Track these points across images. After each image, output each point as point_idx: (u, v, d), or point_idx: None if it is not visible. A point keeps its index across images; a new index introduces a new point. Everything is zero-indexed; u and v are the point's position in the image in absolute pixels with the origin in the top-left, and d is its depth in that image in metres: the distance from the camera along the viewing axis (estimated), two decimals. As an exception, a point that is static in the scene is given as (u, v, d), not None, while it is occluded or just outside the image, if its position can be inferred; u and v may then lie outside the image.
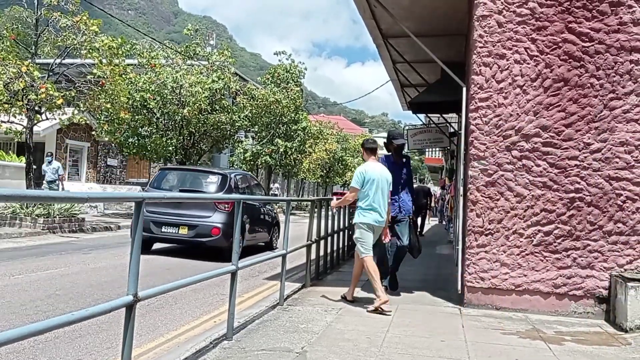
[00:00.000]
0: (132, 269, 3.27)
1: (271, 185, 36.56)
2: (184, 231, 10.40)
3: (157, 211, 10.30)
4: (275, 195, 36.78)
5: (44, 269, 8.55)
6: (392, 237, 7.12)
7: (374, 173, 6.49)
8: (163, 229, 10.43)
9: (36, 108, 14.27)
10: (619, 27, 6.34)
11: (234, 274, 4.93)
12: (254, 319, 5.69)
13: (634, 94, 6.29)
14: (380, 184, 6.47)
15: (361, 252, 6.45)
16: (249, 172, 16.48)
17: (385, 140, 7.64)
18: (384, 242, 6.94)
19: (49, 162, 17.53)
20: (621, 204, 6.30)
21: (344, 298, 6.75)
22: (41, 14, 15.12)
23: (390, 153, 7.49)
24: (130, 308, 3.25)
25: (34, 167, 15.21)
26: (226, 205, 10.38)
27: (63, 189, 17.50)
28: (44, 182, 17.06)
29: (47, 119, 14.97)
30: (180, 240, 10.70)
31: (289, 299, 6.72)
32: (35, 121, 14.67)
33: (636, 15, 6.30)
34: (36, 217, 13.40)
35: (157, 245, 11.20)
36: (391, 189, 6.71)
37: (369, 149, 6.78)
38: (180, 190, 10.93)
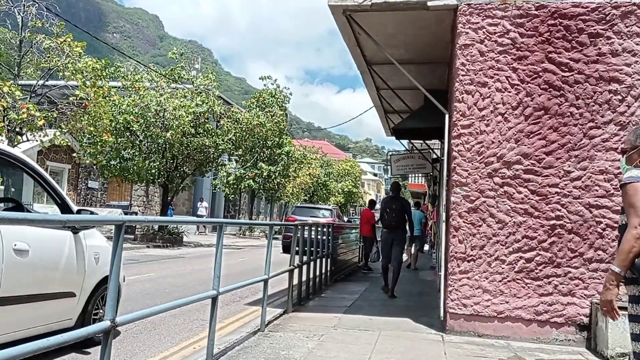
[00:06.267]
0: (111, 293, 3.21)
1: (198, 205, 30.94)
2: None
3: None
4: (202, 216, 30.21)
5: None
6: None
7: None
8: None
9: (17, 129, 14.12)
10: (597, 57, 6.48)
11: (214, 299, 4.86)
12: (234, 345, 5.60)
13: (613, 123, 6.40)
14: None
15: None
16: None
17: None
18: None
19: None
20: (601, 231, 6.35)
21: None
22: (25, 35, 15.07)
23: None
24: (107, 334, 3.18)
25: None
26: None
27: None
28: None
29: (28, 140, 14.82)
30: None
31: (270, 325, 6.64)
32: (16, 142, 14.51)
33: (614, 47, 6.45)
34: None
35: (138, 270, 11.02)
36: None
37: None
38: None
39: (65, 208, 5.25)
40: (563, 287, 6.38)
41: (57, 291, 5.02)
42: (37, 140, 14.82)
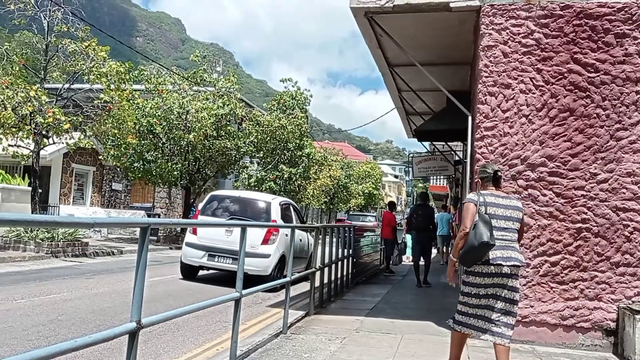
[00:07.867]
0: (136, 295, 3.24)
1: (192, 209, 28.95)
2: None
3: None
4: None
5: (46, 293, 8.50)
6: None
7: None
8: None
9: (43, 132, 14.37)
10: (624, 58, 6.38)
11: (237, 301, 4.89)
12: (257, 347, 5.62)
13: (640, 125, 6.28)
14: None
15: None
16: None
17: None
18: None
19: None
20: (628, 235, 6.25)
21: None
22: (51, 40, 15.32)
23: None
24: (133, 335, 3.21)
25: (40, 190, 15.23)
26: None
27: None
28: None
29: (54, 143, 15.06)
30: None
31: (292, 327, 6.65)
32: (42, 145, 14.75)
33: (641, 47, 6.34)
34: (40, 241, 13.37)
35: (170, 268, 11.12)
36: None
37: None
38: None
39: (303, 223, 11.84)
40: (589, 292, 6.29)
41: (304, 257, 11.52)
42: (62, 143, 15.04)
